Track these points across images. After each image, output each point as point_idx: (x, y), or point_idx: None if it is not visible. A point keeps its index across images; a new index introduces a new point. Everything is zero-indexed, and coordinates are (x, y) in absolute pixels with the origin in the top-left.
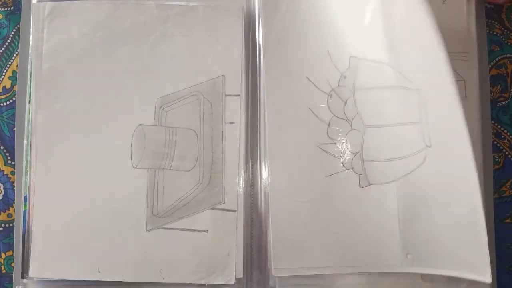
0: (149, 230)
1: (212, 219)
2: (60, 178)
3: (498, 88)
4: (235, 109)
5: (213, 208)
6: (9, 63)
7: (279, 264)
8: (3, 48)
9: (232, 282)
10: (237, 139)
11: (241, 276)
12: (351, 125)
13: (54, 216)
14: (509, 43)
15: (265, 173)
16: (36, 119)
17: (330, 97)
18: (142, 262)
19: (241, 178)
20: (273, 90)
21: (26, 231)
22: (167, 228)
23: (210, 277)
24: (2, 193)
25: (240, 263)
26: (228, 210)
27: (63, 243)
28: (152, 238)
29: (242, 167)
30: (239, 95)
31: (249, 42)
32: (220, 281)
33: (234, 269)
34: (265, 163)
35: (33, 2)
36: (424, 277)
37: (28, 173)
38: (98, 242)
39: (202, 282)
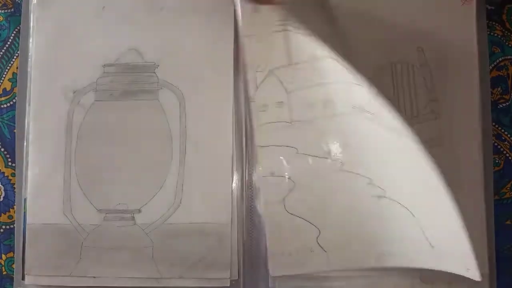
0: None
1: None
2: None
3: (498, 90)
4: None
5: None
6: (9, 65)
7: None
8: (3, 50)
9: (227, 283)
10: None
11: (236, 278)
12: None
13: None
14: (509, 45)
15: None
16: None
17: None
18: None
19: (235, 183)
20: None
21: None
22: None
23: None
24: (3, 194)
25: (235, 266)
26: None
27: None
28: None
29: (235, 171)
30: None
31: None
32: (214, 283)
33: (229, 271)
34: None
35: (33, 2)
36: (424, 278)
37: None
38: None
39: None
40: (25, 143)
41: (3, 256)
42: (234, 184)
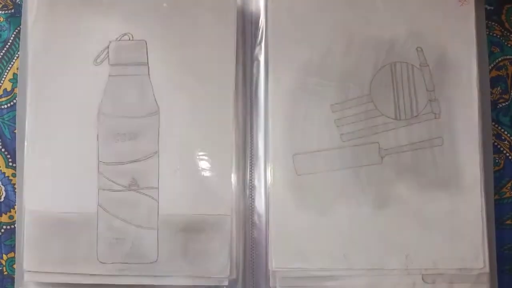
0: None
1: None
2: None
3: (498, 89)
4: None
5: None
6: (10, 65)
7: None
8: (3, 51)
9: (226, 283)
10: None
11: (234, 277)
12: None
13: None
14: (509, 45)
15: (267, 175)
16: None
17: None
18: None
19: (235, 182)
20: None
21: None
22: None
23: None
24: (4, 195)
25: (233, 265)
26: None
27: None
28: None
29: (235, 171)
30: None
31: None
32: (212, 282)
33: (227, 270)
34: (265, 166)
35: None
36: (426, 278)
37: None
38: None
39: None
40: (25, 144)
41: (4, 256)
42: (234, 183)
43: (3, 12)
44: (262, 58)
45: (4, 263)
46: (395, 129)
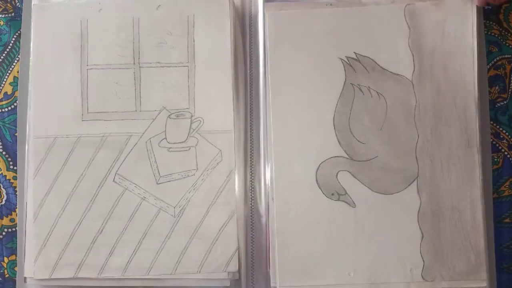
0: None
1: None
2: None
3: (496, 88)
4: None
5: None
6: (10, 69)
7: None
8: (4, 54)
9: (228, 284)
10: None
11: (237, 277)
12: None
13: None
14: (507, 44)
15: (267, 177)
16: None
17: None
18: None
19: (237, 184)
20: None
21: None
22: None
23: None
24: (5, 198)
25: (237, 266)
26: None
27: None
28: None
29: (237, 173)
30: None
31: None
32: (215, 283)
33: (230, 271)
34: (266, 168)
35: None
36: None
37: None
38: None
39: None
40: (26, 147)
41: (5, 259)
42: (235, 185)
43: (3, 15)
44: (261, 59)
45: (5, 265)
46: None
